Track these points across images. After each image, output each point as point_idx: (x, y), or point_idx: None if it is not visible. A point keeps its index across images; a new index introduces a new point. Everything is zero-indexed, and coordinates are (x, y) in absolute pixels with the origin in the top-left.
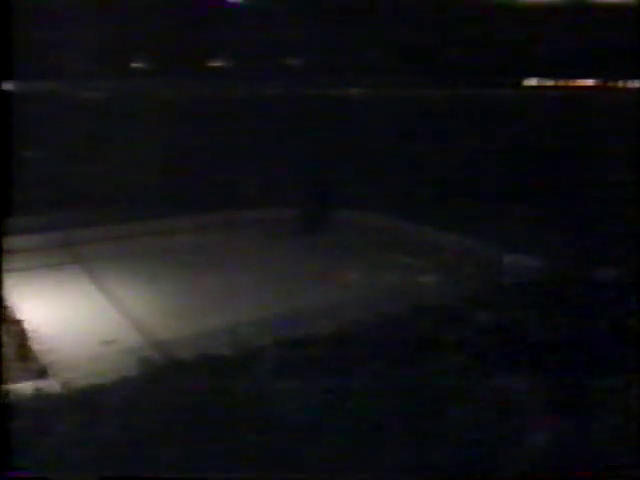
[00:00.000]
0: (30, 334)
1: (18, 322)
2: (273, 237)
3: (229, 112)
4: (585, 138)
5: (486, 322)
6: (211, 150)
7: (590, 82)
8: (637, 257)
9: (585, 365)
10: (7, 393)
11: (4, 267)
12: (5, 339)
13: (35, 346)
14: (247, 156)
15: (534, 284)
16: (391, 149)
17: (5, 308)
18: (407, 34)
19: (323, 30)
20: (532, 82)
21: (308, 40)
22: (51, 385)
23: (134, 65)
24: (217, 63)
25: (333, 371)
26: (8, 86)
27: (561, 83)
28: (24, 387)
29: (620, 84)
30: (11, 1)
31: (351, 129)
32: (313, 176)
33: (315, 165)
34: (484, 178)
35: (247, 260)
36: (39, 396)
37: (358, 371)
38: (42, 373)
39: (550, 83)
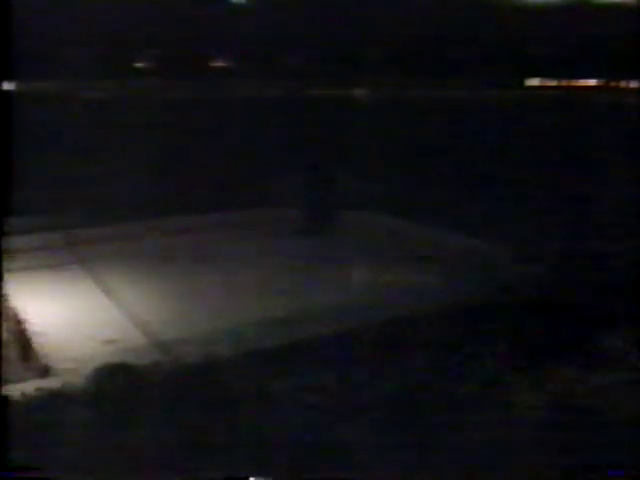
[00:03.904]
0: (31, 334)
1: (19, 322)
2: (273, 237)
3: (229, 112)
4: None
5: None
6: (211, 150)
7: (592, 82)
8: None
9: None
10: (8, 393)
11: (4, 267)
12: (6, 339)
13: (36, 346)
14: (247, 156)
15: None
16: (393, 150)
17: (6, 308)
18: (409, 35)
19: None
20: (534, 82)
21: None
22: (53, 385)
23: (136, 65)
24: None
25: (335, 372)
26: (8, 86)
27: (563, 83)
28: (25, 387)
29: (622, 84)
30: (11, 1)
31: (352, 130)
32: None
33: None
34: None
35: (248, 261)
36: (40, 396)
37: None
38: (44, 373)
39: (552, 83)
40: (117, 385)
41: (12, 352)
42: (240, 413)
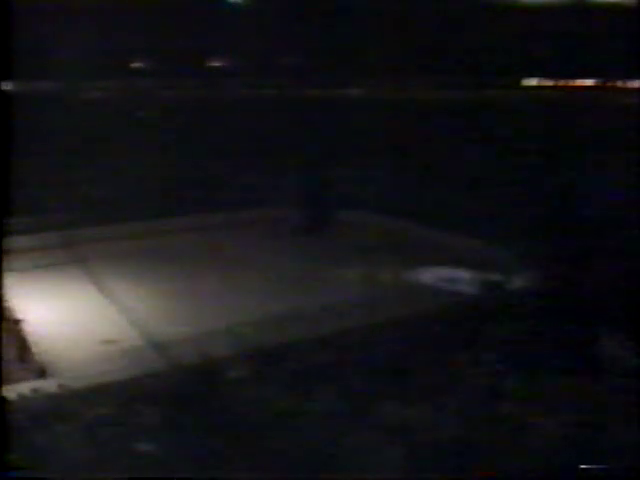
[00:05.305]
0: (30, 334)
1: (18, 322)
2: (273, 237)
3: (227, 112)
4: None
5: None
6: (212, 151)
7: (589, 82)
8: None
9: None
10: (7, 393)
11: (4, 267)
12: (5, 339)
13: (35, 346)
14: (247, 157)
15: None
16: (390, 150)
17: (5, 308)
18: (408, 36)
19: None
20: (531, 82)
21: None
22: (50, 385)
23: (134, 65)
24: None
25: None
26: (8, 86)
27: (561, 83)
28: (24, 387)
29: (620, 84)
30: (11, 2)
31: (351, 129)
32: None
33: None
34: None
35: (247, 260)
36: (38, 396)
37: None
38: (41, 373)
39: (549, 83)
40: None
41: (10, 352)
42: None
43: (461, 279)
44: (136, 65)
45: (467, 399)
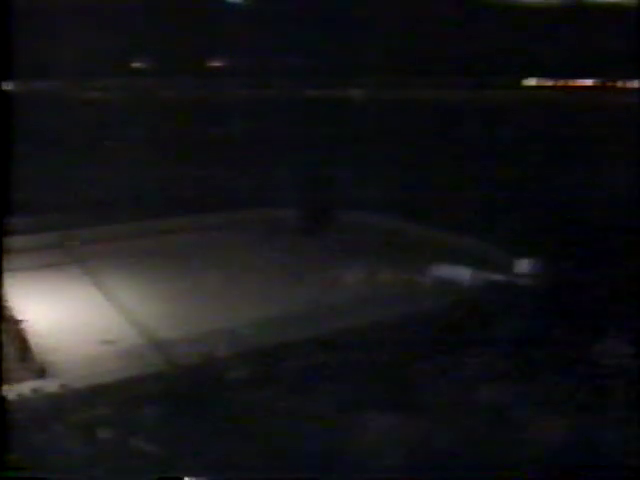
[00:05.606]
0: (30, 334)
1: (18, 322)
2: (273, 237)
3: (227, 112)
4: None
5: None
6: (212, 150)
7: (589, 82)
8: None
9: None
10: (7, 393)
11: (4, 267)
12: (5, 339)
13: (35, 346)
14: (246, 156)
15: None
16: (391, 150)
17: (5, 308)
18: (407, 35)
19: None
20: (531, 82)
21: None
22: (50, 385)
23: (134, 65)
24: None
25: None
26: (8, 86)
27: (560, 83)
28: (24, 387)
29: (620, 84)
30: (11, 2)
31: (350, 130)
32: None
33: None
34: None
35: (247, 260)
36: (38, 396)
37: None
38: (41, 373)
39: (550, 83)
40: None
41: (10, 352)
42: None
43: (461, 279)
44: (136, 65)
45: (466, 399)
